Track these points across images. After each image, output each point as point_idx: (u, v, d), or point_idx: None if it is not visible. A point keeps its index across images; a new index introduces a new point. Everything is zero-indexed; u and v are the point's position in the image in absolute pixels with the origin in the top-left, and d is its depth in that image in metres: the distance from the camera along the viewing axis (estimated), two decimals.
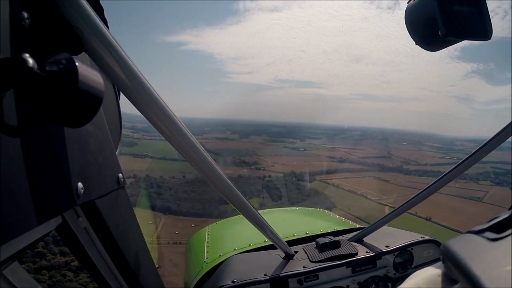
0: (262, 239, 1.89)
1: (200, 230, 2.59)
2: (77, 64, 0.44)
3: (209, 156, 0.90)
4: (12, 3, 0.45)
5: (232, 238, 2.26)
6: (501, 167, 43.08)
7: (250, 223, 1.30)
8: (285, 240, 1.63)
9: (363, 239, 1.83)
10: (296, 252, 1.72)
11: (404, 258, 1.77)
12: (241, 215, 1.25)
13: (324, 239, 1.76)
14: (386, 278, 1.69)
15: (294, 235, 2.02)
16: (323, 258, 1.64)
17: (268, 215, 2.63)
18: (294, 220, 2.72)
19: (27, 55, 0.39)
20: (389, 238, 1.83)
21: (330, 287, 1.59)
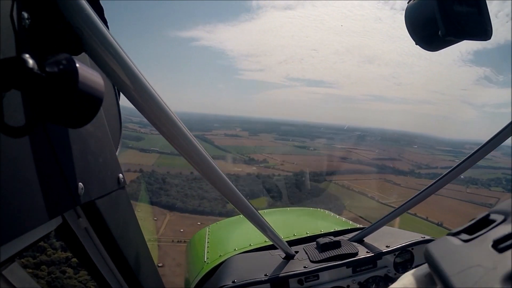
0: (262, 239, 1.89)
1: (200, 230, 2.59)
2: (77, 65, 0.44)
3: (209, 156, 0.90)
4: (12, 3, 0.45)
5: (232, 238, 2.26)
6: None
7: (250, 223, 1.30)
8: (285, 240, 1.63)
9: (364, 239, 1.83)
10: (297, 252, 1.72)
11: (405, 258, 1.76)
12: (241, 215, 1.25)
13: (324, 239, 1.76)
14: (387, 278, 1.69)
15: (294, 235, 2.02)
16: (324, 258, 1.64)
17: (269, 215, 2.63)
18: (295, 220, 2.72)
19: (27, 56, 0.39)
20: (389, 238, 1.83)
21: (330, 287, 1.59)
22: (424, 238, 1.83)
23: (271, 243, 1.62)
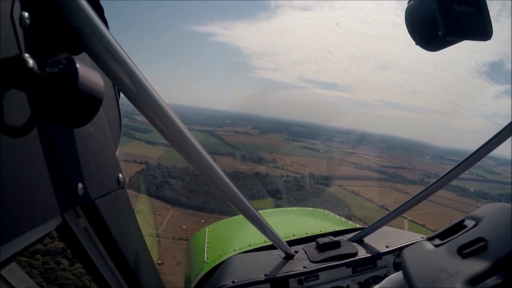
0: (262, 239, 1.89)
1: (200, 230, 2.59)
2: (77, 65, 0.44)
3: (208, 156, 0.91)
4: (12, 3, 0.45)
5: (232, 238, 2.26)
6: None
7: (250, 223, 1.30)
8: (285, 240, 1.63)
9: (363, 239, 1.83)
10: (296, 252, 1.72)
11: None
12: (241, 215, 1.25)
13: (324, 239, 1.76)
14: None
15: (294, 235, 2.02)
16: (323, 258, 1.64)
17: (268, 215, 2.63)
18: (294, 220, 2.72)
19: (27, 55, 0.39)
20: (389, 238, 1.83)
21: (330, 287, 1.59)
22: (424, 238, 1.83)
23: (270, 243, 1.62)
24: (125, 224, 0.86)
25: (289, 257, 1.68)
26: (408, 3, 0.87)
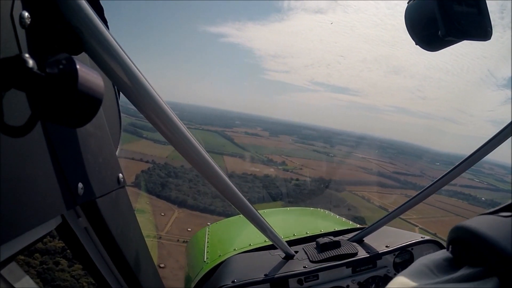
0: (262, 239, 1.89)
1: (200, 230, 2.59)
2: (77, 65, 0.44)
3: (208, 156, 0.91)
4: (12, 2, 0.45)
5: (232, 238, 2.26)
6: None
7: (250, 223, 1.30)
8: (285, 240, 1.63)
9: (363, 239, 1.83)
10: (296, 252, 1.72)
11: (404, 258, 1.76)
12: (241, 215, 1.25)
13: (324, 239, 1.76)
14: (386, 278, 1.69)
15: (294, 235, 2.02)
16: (323, 258, 1.64)
17: (268, 215, 2.63)
18: (294, 220, 2.72)
19: (27, 55, 0.39)
20: (389, 238, 1.83)
21: (330, 287, 1.59)
22: (424, 238, 1.83)
23: (270, 243, 1.62)
24: (125, 224, 0.86)
25: (289, 257, 1.68)
26: (408, 3, 0.87)
